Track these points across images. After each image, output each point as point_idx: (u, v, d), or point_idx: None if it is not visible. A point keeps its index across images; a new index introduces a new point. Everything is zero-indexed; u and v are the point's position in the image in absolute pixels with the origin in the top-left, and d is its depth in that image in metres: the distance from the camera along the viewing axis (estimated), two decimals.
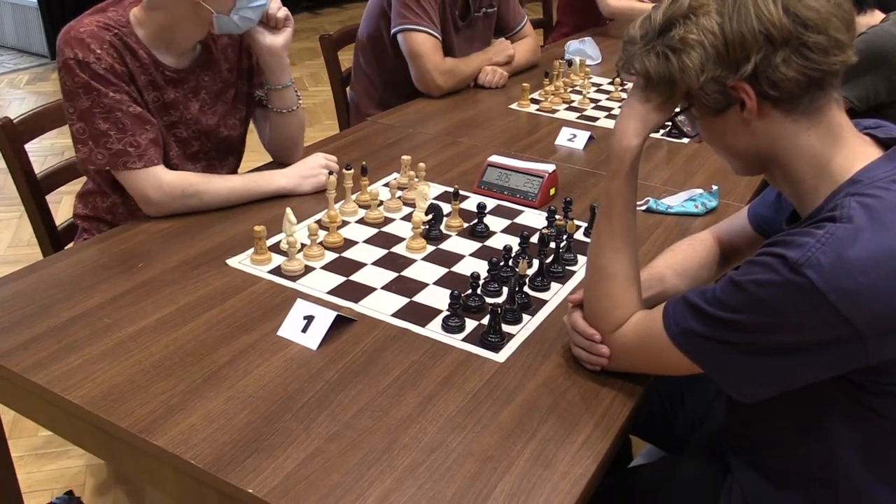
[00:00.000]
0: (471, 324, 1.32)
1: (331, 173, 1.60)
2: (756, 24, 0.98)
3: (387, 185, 1.81)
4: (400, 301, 1.38)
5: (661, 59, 1.05)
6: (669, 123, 1.14)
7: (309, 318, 1.28)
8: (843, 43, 0.99)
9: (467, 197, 1.79)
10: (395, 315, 1.34)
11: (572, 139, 2.14)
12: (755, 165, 1.10)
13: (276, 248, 1.53)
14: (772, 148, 1.05)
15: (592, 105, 2.48)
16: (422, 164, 1.79)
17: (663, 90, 1.07)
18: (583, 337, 1.19)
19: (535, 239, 1.56)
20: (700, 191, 1.79)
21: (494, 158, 1.85)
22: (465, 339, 1.28)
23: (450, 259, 1.53)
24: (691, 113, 1.10)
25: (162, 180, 1.59)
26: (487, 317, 1.30)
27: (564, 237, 1.52)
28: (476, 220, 1.63)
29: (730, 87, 1.02)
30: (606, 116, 2.39)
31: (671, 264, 1.34)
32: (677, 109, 1.11)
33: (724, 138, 1.08)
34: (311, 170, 1.76)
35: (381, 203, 1.71)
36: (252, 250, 1.50)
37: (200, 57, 1.71)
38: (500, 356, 1.25)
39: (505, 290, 1.39)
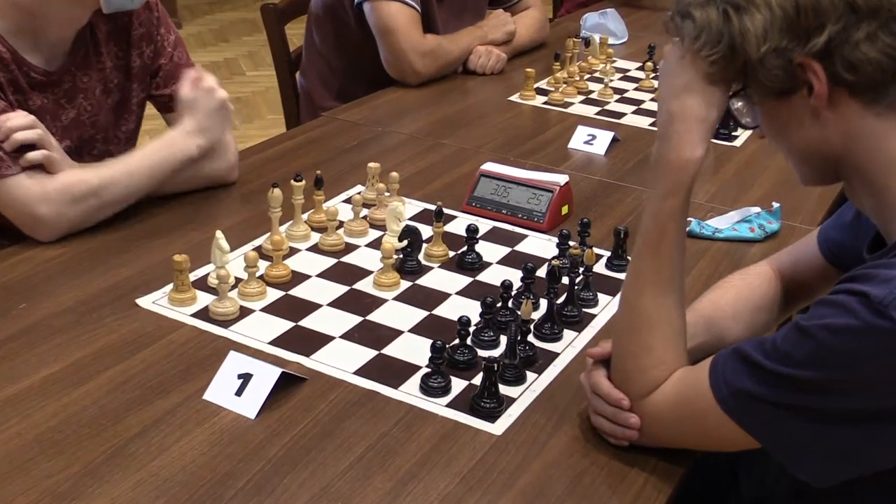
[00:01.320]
0: (458, 384, 1.33)
1: (275, 186, 1.60)
2: None
3: (348, 201, 1.82)
4: (365, 354, 1.38)
5: (721, 17, 1.06)
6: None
7: (245, 377, 1.28)
8: None
9: (454, 217, 1.80)
10: (359, 373, 1.34)
11: (591, 141, 2.16)
12: (826, 170, 1.11)
13: (202, 284, 1.53)
14: (846, 148, 1.07)
15: (617, 97, 2.51)
16: (394, 174, 1.80)
17: (724, 60, 1.07)
18: (606, 402, 1.20)
19: (542, 272, 1.57)
20: (757, 209, 1.81)
21: (489, 167, 1.86)
22: (450, 405, 1.29)
23: (431, 299, 1.53)
24: (748, 95, 1.11)
25: (46, 187, 1.59)
26: (480, 375, 1.30)
27: (581, 270, 1.53)
28: (465, 248, 1.64)
29: (796, 63, 1.03)
30: (635, 112, 2.42)
31: (720, 305, 1.35)
32: (731, 92, 1.11)
33: (787, 131, 1.10)
34: (207, 107, 1.73)
35: (341, 225, 1.72)
36: (171, 286, 1.50)
37: (76, 52, 1.70)
38: (498, 427, 1.25)
39: (503, 339, 1.40)
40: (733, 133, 2.27)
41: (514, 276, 1.53)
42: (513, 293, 1.47)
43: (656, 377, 1.16)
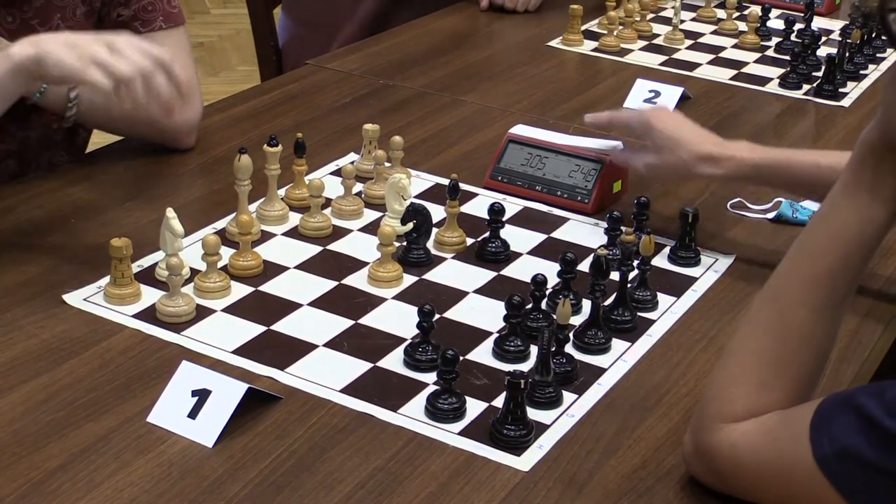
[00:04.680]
0: (475, 406, 1.34)
1: (242, 152, 1.61)
2: None
3: (337, 172, 1.83)
4: (357, 368, 1.40)
5: None
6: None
7: (201, 395, 1.29)
8: None
9: (473, 195, 1.82)
10: (348, 391, 1.35)
11: (653, 99, 2.16)
12: None
13: (148, 277, 1.54)
14: None
15: (688, 42, 2.51)
16: (398, 139, 1.80)
17: None
18: None
19: (585, 266, 1.55)
20: None
21: (520, 131, 1.86)
22: (464, 433, 1.30)
23: (442, 298, 1.55)
24: None
25: None
26: (504, 394, 1.31)
27: (636, 263, 1.53)
28: (487, 234, 1.65)
29: None
30: (711, 62, 2.42)
31: None
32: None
33: None
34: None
35: (328, 203, 1.73)
36: (107, 279, 1.51)
37: None
38: (524, 461, 1.26)
39: (534, 350, 1.41)
40: (840, 90, 2.26)
41: (550, 270, 1.53)
42: (547, 291, 1.48)
43: (762, 401, 1.16)
